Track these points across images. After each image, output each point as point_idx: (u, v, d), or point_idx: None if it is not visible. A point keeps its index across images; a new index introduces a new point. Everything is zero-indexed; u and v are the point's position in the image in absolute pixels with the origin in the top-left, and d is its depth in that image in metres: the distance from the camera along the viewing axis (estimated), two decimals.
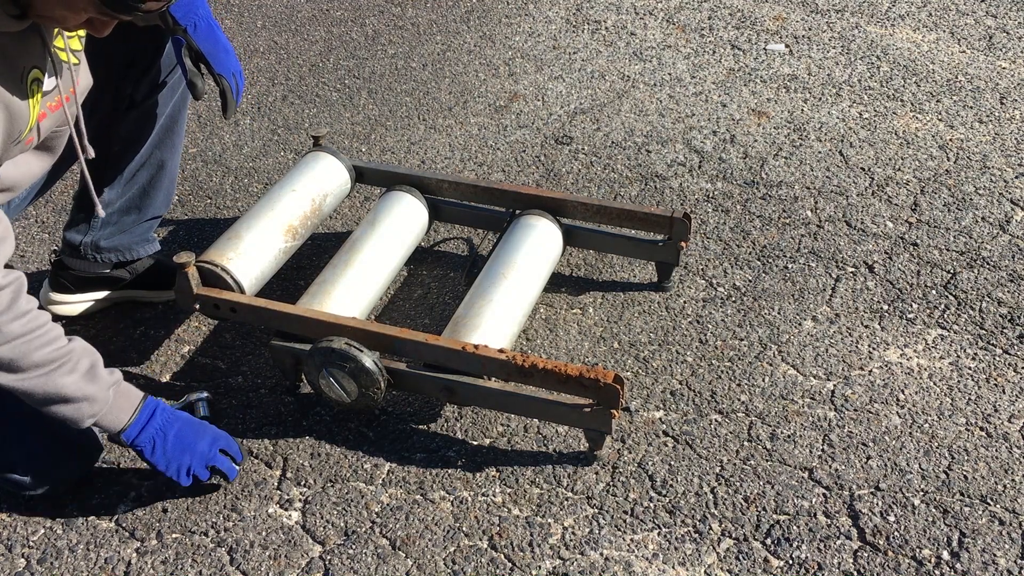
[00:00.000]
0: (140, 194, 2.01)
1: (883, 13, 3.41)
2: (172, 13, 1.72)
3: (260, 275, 1.94)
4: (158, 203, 2.05)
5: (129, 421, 1.56)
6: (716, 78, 3.05)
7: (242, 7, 3.66)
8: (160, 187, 2.03)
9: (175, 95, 1.95)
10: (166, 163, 2.01)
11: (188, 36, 1.73)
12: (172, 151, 2.01)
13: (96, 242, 2.02)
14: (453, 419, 1.85)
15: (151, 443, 1.58)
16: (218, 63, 1.77)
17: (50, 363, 1.45)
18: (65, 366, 1.47)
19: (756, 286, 2.17)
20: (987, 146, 2.64)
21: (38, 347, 1.43)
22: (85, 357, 1.51)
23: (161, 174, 2.01)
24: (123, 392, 1.57)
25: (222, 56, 1.78)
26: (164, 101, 1.93)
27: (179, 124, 2.00)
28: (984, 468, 1.71)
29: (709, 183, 2.54)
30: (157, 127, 1.94)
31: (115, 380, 1.56)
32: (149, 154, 1.97)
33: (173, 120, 1.98)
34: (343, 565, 1.59)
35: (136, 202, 2.02)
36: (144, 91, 1.88)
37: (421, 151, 2.74)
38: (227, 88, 1.80)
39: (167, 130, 1.97)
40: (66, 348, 1.48)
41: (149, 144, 1.95)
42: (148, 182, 2.00)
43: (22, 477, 1.62)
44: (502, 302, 1.86)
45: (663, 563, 1.57)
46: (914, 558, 1.56)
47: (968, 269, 2.19)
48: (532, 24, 3.44)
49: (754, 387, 1.90)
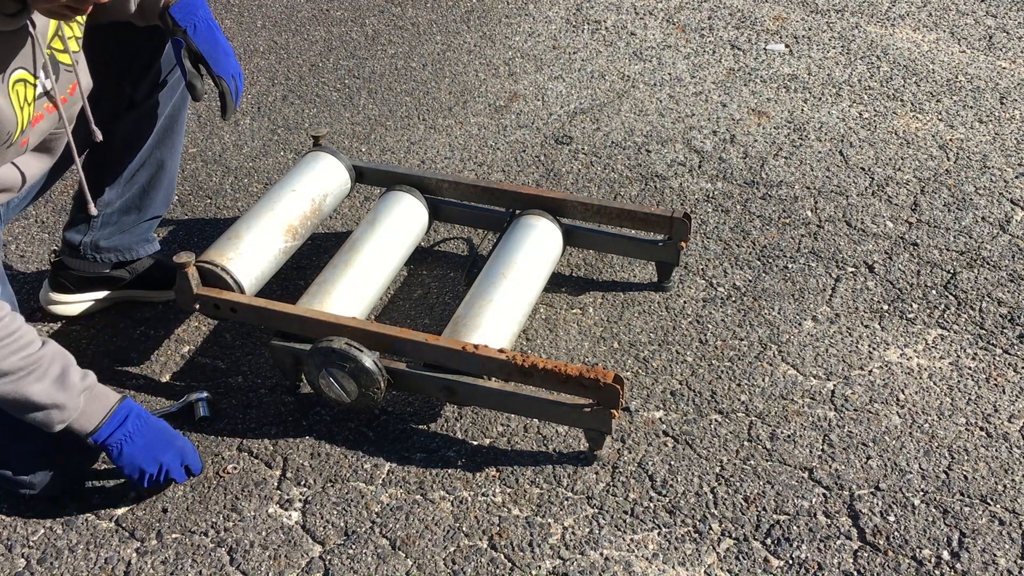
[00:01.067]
0: (140, 194, 2.01)
1: (883, 13, 3.41)
2: (172, 14, 1.72)
3: (260, 275, 1.94)
4: (158, 203, 2.05)
5: (99, 425, 1.56)
6: (716, 78, 3.05)
7: (242, 7, 3.66)
8: (160, 187, 2.03)
9: (175, 95, 1.95)
10: (166, 163, 2.01)
11: (188, 38, 1.74)
12: (172, 151, 2.01)
13: (96, 242, 2.02)
14: (453, 419, 1.85)
15: (118, 446, 1.58)
16: (217, 65, 1.78)
17: (19, 371, 1.46)
18: (34, 373, 1.47)
19: (756, 286, 2.17)
20: (987, 146, 2.64)
21: (7, 355, 1.44)
22: (56, 363, 1.51)
23: (161, 174, 2.01)
24: (96, 396, 1.57)
25: (222, 58, 1.78)
26: (164, 101, 1.93)
27: (179, 124, 2.00)
28: (984, 468, 1.71)
29: (709, 183, 2.54)
30: (157, 127, 1.95)
31: (87, 385, 1.55)
32: (149, 154, 1.97)
33: (173, 120, 1.98)
34: (343, 565, 1.59)
35: (136, 202, 2.01)
36: (144, 91, 1.88)
37: (421, 151, 2.74)
38: (226, 90, 1.80)
39: (167, 130, 1.97)
40: (36, 355, 1.48)
41: (149, 144, 1.96)
42: (148, 182, 2.00)
43: (21, 476, 1.62)
44: (502, 302, 1.86)
45: (663, 563, 1.57)
46: (914, 558, 1.56)
47: (968, 269, 2.19)
48: (532, 24, 3.44)
49: (754, 387, 1.90)
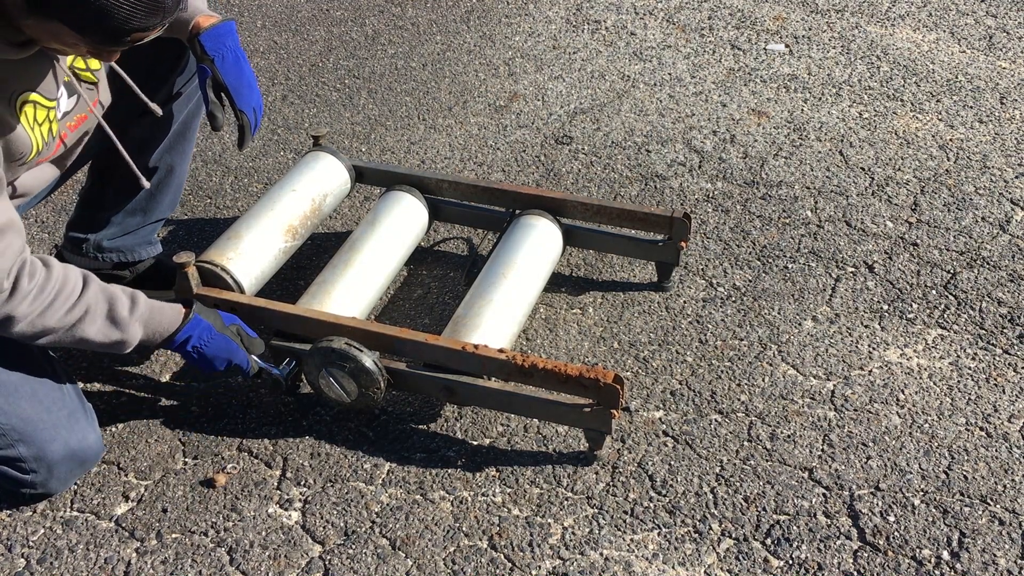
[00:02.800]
0: (147, 197, 2.01)
1: (883, 13, 3.41)
2: (202, 42, 1.73)
3: (260, 275, 1.94)
4: (164, 206, 2.06)
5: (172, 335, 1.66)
6: (716, 78, 3.05)
7: (242, 7, 3.66)
8: (168, 191, 2.03)
9: (189, 104, 1.96)
10: (175, 168, 2.01)
11: (215, 67, 1.74)
12: (182, 156, 2.02)
13: (99, 242, 2.02)
14: (453, 419, 1.85)
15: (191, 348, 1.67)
16: (240, 99, 1.78)
17: (67, 324, 1.53)
18: (84, 320, 1.54)
19: (756, 286, 2.17)
20: (987, 146, 2.64)
21: (54, 312, 1.50)
22: (100, 303, 1.57)
23: (170, 178, 2.01)
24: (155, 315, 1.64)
25: (245, 92, 1.79)
26: (178, 111, 1.94)
27: (191, 131, 2.01)
28: (984, 468, 1.71)
29: (709, 183, 2.54)
30: (169, 133, 1.95)
31: (138, 314, 1.61)
32: (159, 158, 1.97)
33: (186, 126, 1.98)
34: (343, 565, 1.59)
35: (143, 204, 2.02)
36: (159, 101, 1.88)
37: (421, 151, 2.74)
38: (246, 124, 1.81)
39: (179, 135, 1.98)
40: (81, 303, 1.54)
41: (160, 149, 1.96)
42: (156, 186, 2.00)
43: (23, 475, 1.62)
44: (502, 302, 1.86)
45: (663, 563, 1.57)
46: (914, 558, 1.56)
47: (968, 269, 2.19)
48: (532, 24, 3.44)
49: (754, 387, 1.90)
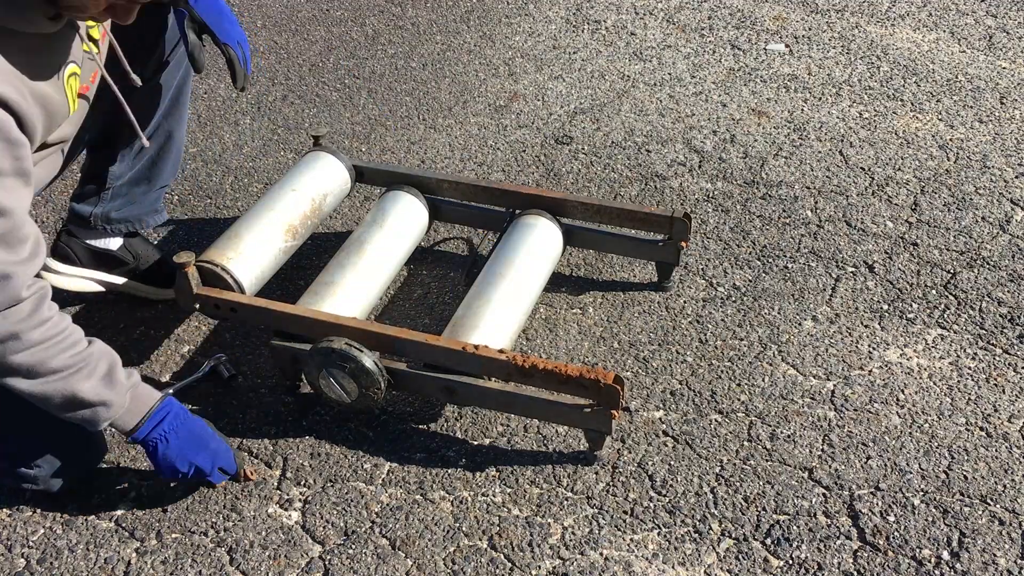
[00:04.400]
0: (149, 165, 2.02)
1: (883, 13, 3.41)
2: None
3: (260, 275, 1.94)
4: (167, 173, 2.07)
5: (139, 423, 1.57)
6: (716, 78, 3.05)
7: (242, 7, 3.65)
8: (168, 157, 2.04)
9: (180, 70, 1.96)
10: (174, 133, 2.02)
11: (191, 7, 1.73)
12: (179, 121, 2.02)
13: (107, 214, 2.03)
14: (453, 419, 1.85)
15: (153, 444, 1.59)
16: (222, 32, 1.77)
17: (68, 368, 1.46)
18: (83, 371, 1.48)
19: (756, 286, 2.17)
20: (987, 146, 2.64)
21: (57, 352, 1.44)
22: (103, 361, 1.52)
23: (169, 144, 2.02)
24: (139, 394, 1.58)
25: (226, 26, 1.77)
26: (168, 79, 1.94)
27: (184, 95, 2.01)
28: (984, 468, 1.71)
29: (709, 183, 2.53)
30: (164, 101, 1.95)
31: (132, 383, 1.57)
32: (157, 126, 1.97)
33: (179, 92, 1.98)
34: (343, 565, 1.59)
35: (146, 173, 2.03)
36: (150, 71, 1.88)
37: (421, 151, 2.74)
38: (234, 57, 1.80)
39: (174, 101, 1.98)
40: (85, 353, 1.48)
41: (157, 117, 1.96)
42: (157, 153, 2.01)
43: (24, 470, 1.62)
44: (502, 302, 1.86)
45: (663, 563, 1.57)
46: (914, 558, 1.56)
47: (968, 269, 2.19)
48: (532, 24, 3.44)
49: (754, 387, 1.90)
